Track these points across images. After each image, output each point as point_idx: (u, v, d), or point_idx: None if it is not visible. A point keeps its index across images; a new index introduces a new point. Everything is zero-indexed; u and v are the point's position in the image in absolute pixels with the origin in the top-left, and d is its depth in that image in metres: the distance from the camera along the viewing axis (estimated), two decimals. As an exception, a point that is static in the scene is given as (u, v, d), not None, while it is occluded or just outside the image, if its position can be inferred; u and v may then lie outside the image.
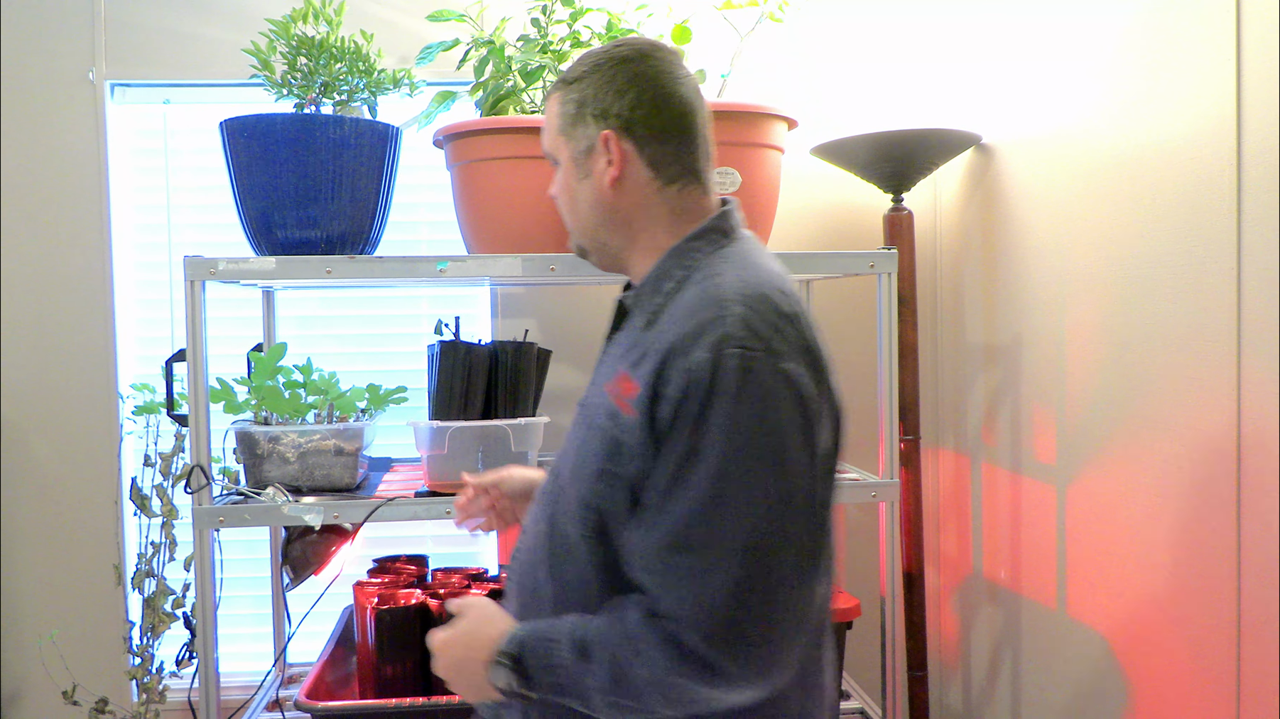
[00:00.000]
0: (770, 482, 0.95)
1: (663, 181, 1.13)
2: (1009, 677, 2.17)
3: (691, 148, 1.14)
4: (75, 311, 2.31)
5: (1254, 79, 1.41)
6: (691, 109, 1.14)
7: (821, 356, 1.04)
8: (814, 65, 2.42)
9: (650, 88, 1.12)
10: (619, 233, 1.16)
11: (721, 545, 0.94)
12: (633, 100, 1.11)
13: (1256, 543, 1.43)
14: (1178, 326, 1.58)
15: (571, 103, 1.14)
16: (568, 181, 1.17)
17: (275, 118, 1.84)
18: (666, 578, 0.96)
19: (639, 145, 1.12)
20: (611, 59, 1.13)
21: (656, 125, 1.12)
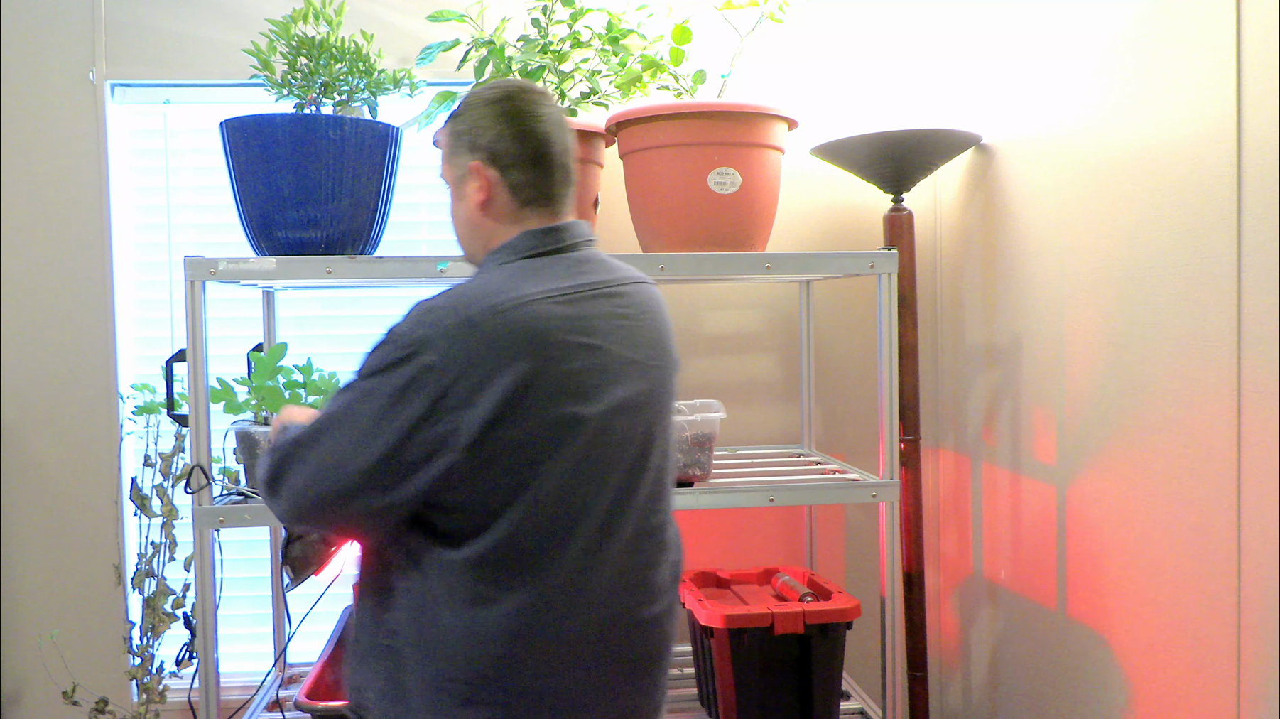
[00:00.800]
0: (351, 406, 1.21)
1: (519, 203, 1.32)
2: (1009, 677, 2.17)
3: (548, 176, 1.33)
4: (75, 311, 2.31)
5: (1254, 79, 1.41)
6: (548, 141, 1.32)
7: (491, 370, 1.18)
8: (814, 65, 2.42)
9: (512, 124, 1.31)
10: (481, 248, 1.35)
11: (315, 426, 1.24)
12: (496, 135, 1.31)
13: (1256, 543, 1.43)
14: (1178, 327, 1.58)
15: (452, 135, 1.36)
16: (451, 204, 1.38)
17: (275, 118, 1.84)
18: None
19: (502, 173, 1.31)
20: (484, 99, 1.34)
21: (517, 156, 1.31)
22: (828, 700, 1.93)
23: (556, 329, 1.21)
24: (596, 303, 1.27)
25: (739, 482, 1.98)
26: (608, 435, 1.24)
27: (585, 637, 1.23)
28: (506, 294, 1.21)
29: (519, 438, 1.18)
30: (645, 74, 2.03)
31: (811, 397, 2.41)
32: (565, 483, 1.21)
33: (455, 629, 1.20)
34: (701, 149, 1.90)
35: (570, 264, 1.30)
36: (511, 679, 1.21)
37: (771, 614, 1.90)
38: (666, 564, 1.34)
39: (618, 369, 1.26)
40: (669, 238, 1.95)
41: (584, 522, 1.22)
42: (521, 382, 1.18)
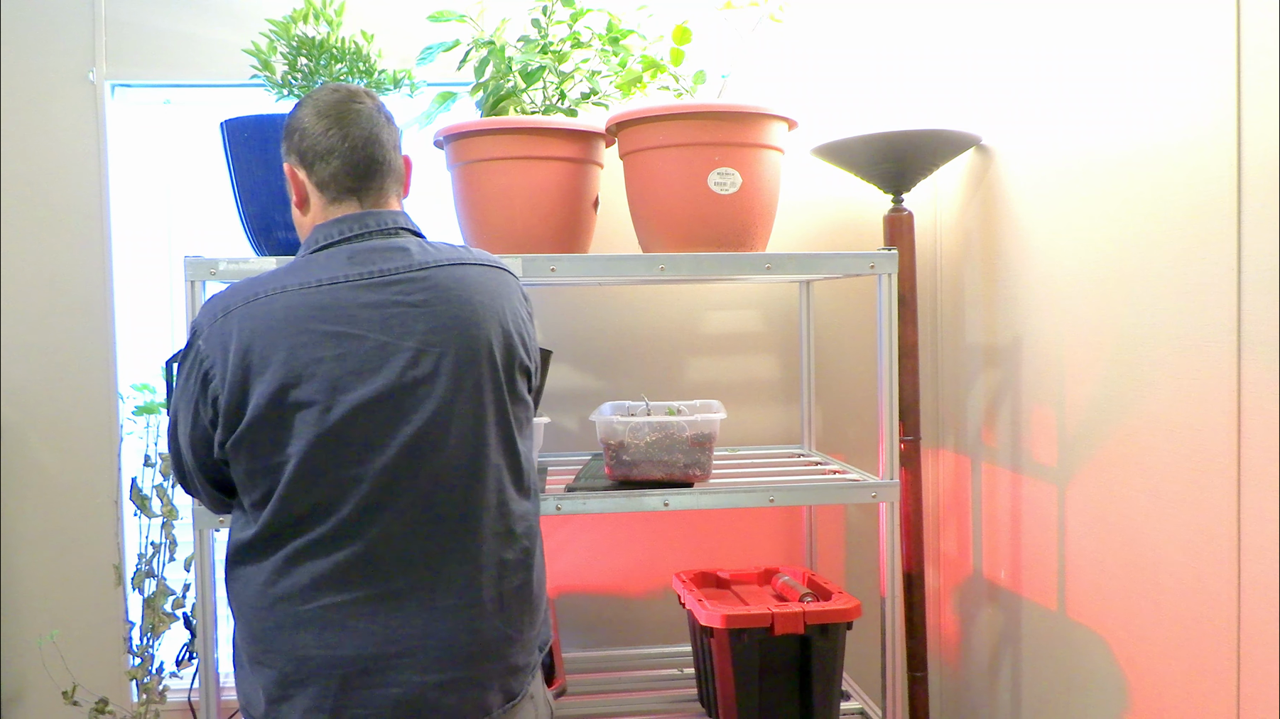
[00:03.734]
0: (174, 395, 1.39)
1: (328, 200, 1.40)
2: (1009, 677, 2.17)
3: (349, 169, 1.39)
4: (75, 312, 2.31)
5: (1254, 79, 1.41)
6: (342, 136, 1.38)
7: (242, 363, 1.29)
8: (814, 65, 2.42)
9: (315, 122, 1.39)
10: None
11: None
12: (298, 136, 1.40)
13: (1256, 543, 1.43)
14: (1178, 326, 1.58)
15: (281, 143, 1.45)
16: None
17: (275, 118, 1.84)
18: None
19: (309, 171, 1.40)
20: (298, 104, 1.43)
21: (320, 153, 1.39)
22: (828, 700, 1.93)
23: (304, 318, 1.29)
24: (359, 292, 1.31)
25: (739, 482, 1.98)
26: (361, 420, 1.28)
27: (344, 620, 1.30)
28: (269, 285, 1.32)
29: (265, 422, 1.28)
30: (645, 74, 2.03)
31: (811, 397, 2.41)
32: (312, 468, 1.27)
33: (246, 599, 1.33)
34: (701, 149, 1.90)
35: (350, 255, 1.35)
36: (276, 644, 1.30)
37: (771, 614, 1.90)
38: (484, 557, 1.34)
39: (372, 357, 1.29)
40: (669, 238, 1.95)
41: (339, 507, 1.28)
42: (263, 368, 1.27)
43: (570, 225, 1.98)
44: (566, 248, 1.99)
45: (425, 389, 1.30)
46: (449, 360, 1.32)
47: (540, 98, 2.05)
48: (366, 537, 1.28)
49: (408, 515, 1.29)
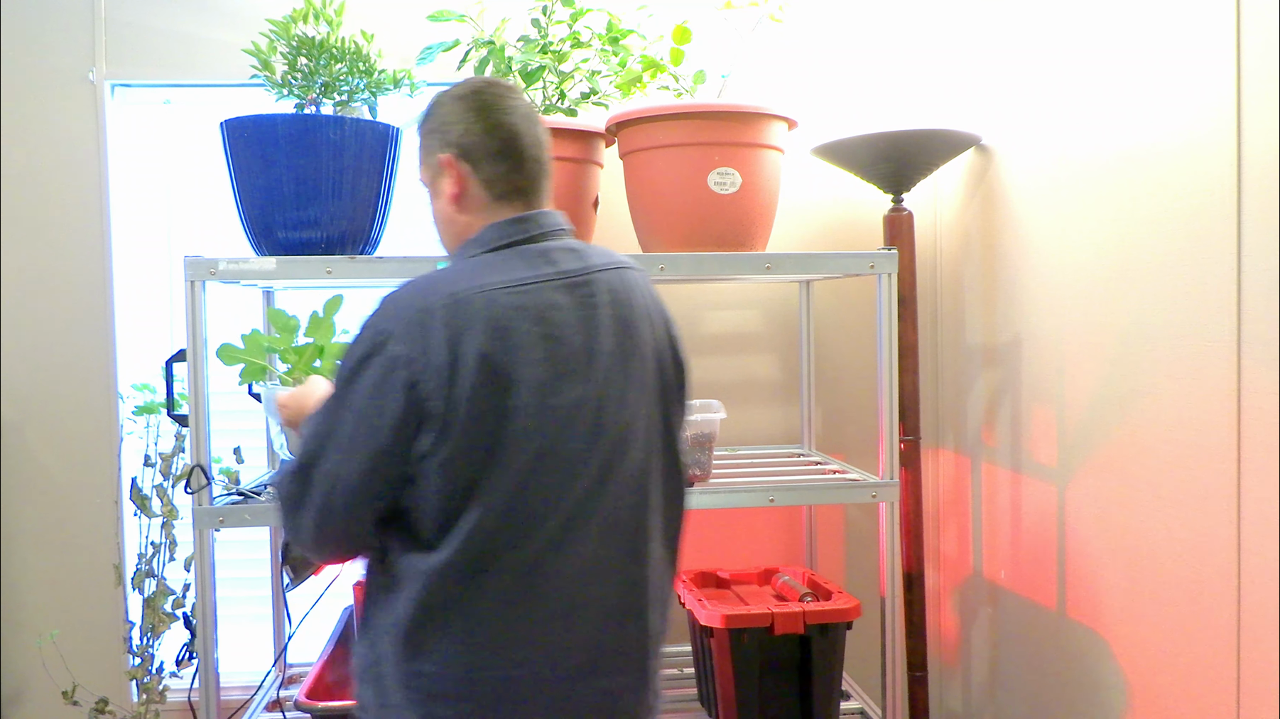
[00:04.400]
0: (336, 413, 1.22)
1: (492, 197, 1.32)
2: (1009, 677, 2.17)
3: (519, 168, 1.32)
4: (75, 311, 2.31)
5: (1254, 79, 1.41)
6: (517, 134, 1.32)
7: (439, 364, 1.18)
8: (814, 65, 2.42)
9: (481, 118, 1.31)
10: (457, 242, 1.35)
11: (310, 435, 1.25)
12: (464, 129, 1.31)
13: (1256, 543, 1.43)
14: (1178, 326, 1.58)
15: (423, 134, 1.36)
16: (430, 203, 1.38)
17: (275, 118, 1.84)
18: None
19: (474, 167, 1.31)
20: (451, 96, 1.34)
21: (487, 150, 1.31)
22: (828, 700, 1.93)
23: (514, 318, 1.21)
24: (558, 294, 1.25)
25: (739, 482, 1.98)
26: (569, 426, 1.22)
27: (548, 633, 1.24)
28: (465, 283, 1.22)
29: (477, 430, 1.18)
30: (645, 74, 2.03)
31: (811, 397, 2.41)
32: (522, 479, 1.20)
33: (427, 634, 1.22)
34: (701, 149, 1.90)
35: (534, 255, 1.29)
36: (477, 673, 1.22)
37: (771, 614, 1.90)
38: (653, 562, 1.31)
39: (578, 361, 1.24)
40: (669, 238, 1.95)
41: (546, 520, 1.22)
42: (481, 370, 1.17)
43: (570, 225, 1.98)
44: (566, 248, 1.98)
45: (617, 393, 1.27)
46: (633, 363, 1.29)
47: (540, 98, 2.05)
48: (570, 543, 1.23)
49: (602, 520, 1.26)
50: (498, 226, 1.31)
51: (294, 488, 1.24)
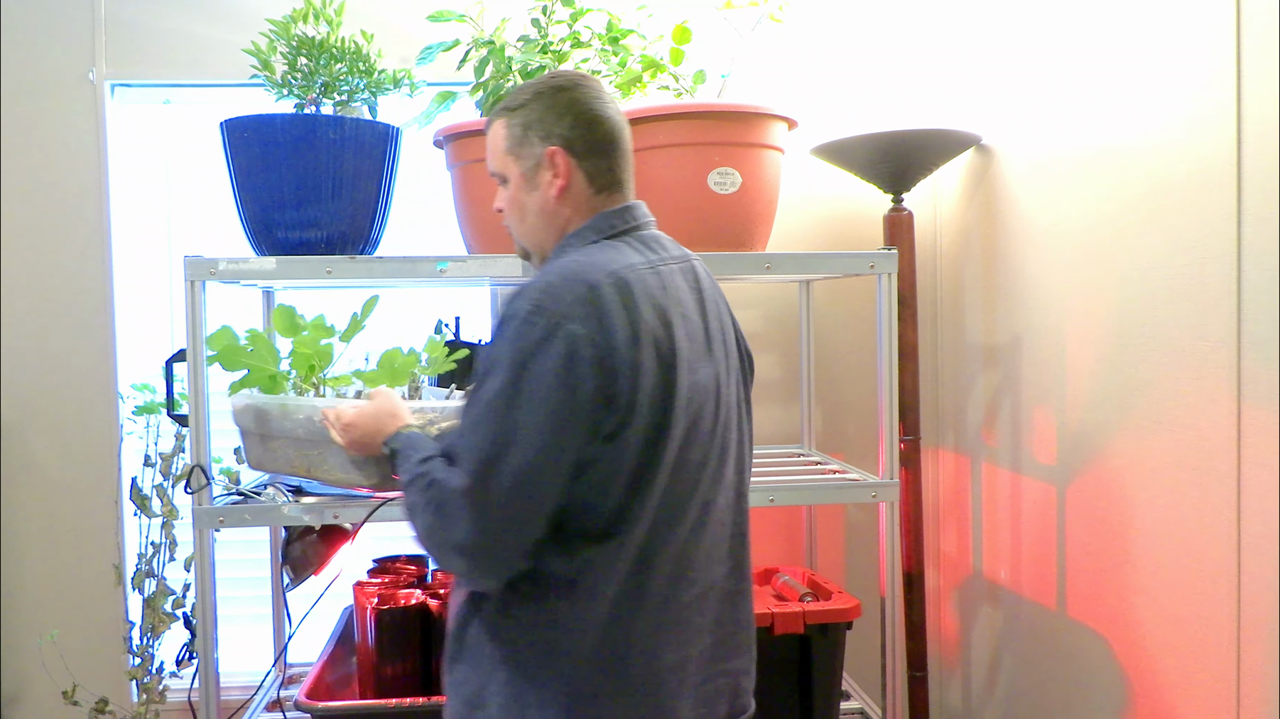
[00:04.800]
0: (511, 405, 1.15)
1: (594, 190, 1.32)
2: (1009, 677, 2.17)
3: (619, 161, 1.34)
4: (75, 311, 2.31)
5: (1254, 79, 1.41)
6: (617, 128, 1.34)
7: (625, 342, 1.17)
8: (814, 65, 2.42)
9: (584, 111, 1.31)
10: (557, 235, 1.33)
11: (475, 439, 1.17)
12: (570, 122, 1.31)
13: (1256, 543, 1.43)
14: (1178, 327, 1.58)
15: (517, 126, 1.32)
16: (516, 195, 1.34)
17: (275, 118, 1.84)
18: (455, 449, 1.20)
19: (578, 160, 1.31)
20: (550, 88, 1.33)
21: (590, 143, 1.31)
22: (828, 700, 1.93)
23: (661, 297, 1.23)
24: (676, 277, 1.29)
25: (739, 482, 1.97)
26: (704, 407, 1.24)
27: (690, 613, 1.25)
28: (614, 264, 1.22)
29: (651, 408, 1.18)
30: (645, 74, 2.03)
31: (811, 397, 2.41)
32: (676, 460, 1.21)
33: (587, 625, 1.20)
34: (701, 149, 1.90)
35: (645, 242, 1.31)
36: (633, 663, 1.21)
37: (771, 614, 1.90)
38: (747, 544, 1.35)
39: (703, 341, 1.27)
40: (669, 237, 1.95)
41: (690, 501, 1.23)
42: (652, 346, 1.18)
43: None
44: (566, 248, 1.99)
45: (724, 374, 1.31)
46: (726, 346, 1.34)
47: (540, 98, 2.05)
48: (703, 524, 1.26)
49: (720, 501, 1.29)
50: (607, 215, 1.32)
51: (459, 502, 1.14)
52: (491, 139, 1.35)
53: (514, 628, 1.21)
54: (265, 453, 1.60)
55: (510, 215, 1.36)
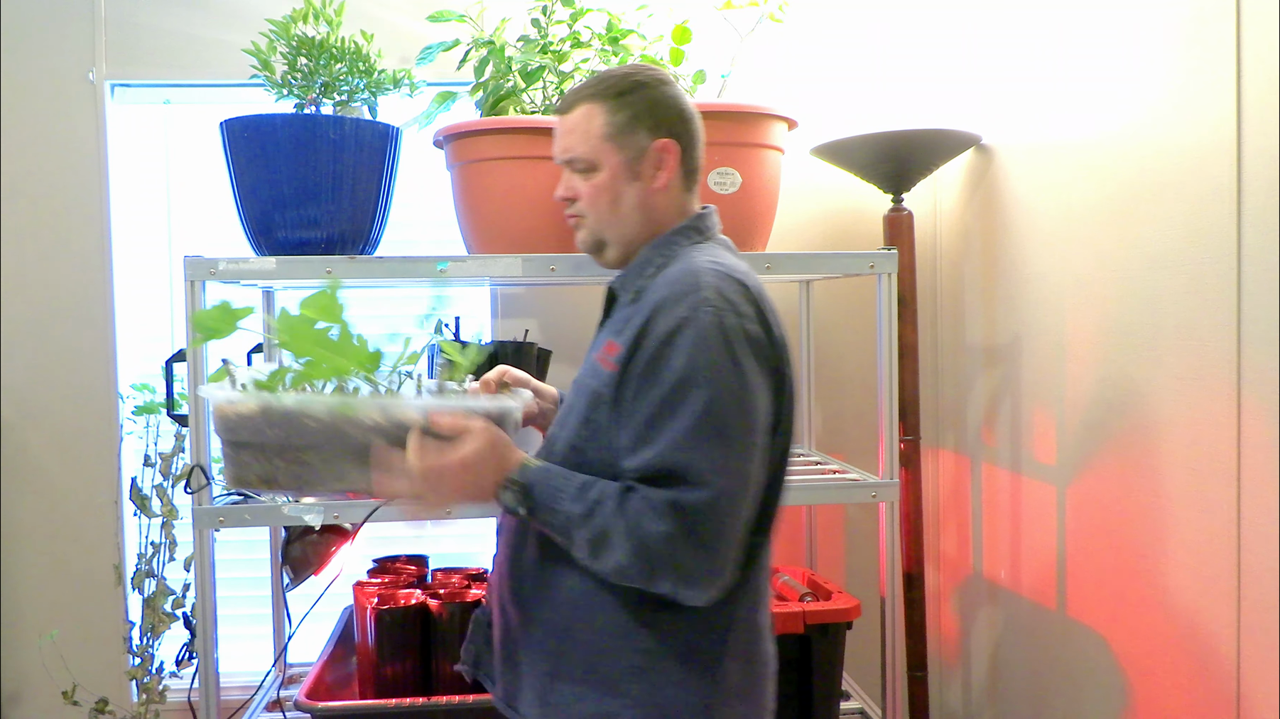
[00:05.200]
0: (734, 415, 1.14)
1: (684, 189, 1.33)
2: (1009, 677, 2.17)
3: (700, 158, 1.35)
4: (75, 311, 2.31)
5: (1254, 79, 1.41)
6: (700, 125, 1.34)
7: (781, 340, 1.22)
8: (814, 65, 2.42)
9: (687, 109, 1.32)
10: (649, 229, 1.31)
11: (701, 445, 1.12)
12: (677, 118, 1.30)
13: (1256, 543, 1.43)
14: (1178, 326, 1.58)
15: (623, 114, 1.29)
16: (611, 184, 1.29)
17: (275, 118, 1.84)
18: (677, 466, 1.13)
19: (682, 156, 1.31)
20: (654, 79, 1.31)
21: (690, 138, 1.32)
22: (828, 700, 1.93)
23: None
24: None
25: (739, 482, 1.97)
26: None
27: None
28: (743, 266, 1.26)
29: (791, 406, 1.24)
30: (645, 74, 2.03)
31: (811, 397, 2.41)
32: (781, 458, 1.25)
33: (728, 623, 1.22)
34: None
35: (730, 246, 1.35)
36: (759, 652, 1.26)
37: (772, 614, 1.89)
38: None
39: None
40: (669, 238, 1.95)
41: (781, 498, 1.27)
42: (786, 347, 1.24)
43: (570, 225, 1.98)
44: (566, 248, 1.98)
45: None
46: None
47: (540, 97, 2.05)
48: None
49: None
50: (702, 217, 1.33)
51: (708, 517, 1.11)
52: (582, 123, 1.30)
53: (649, 635, 1.18)
54: (266, 466, 1.26)
55: (596, 204, 1.30)
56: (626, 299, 1.29)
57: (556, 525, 1.17)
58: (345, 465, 1.23)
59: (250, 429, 1.21)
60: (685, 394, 1.12)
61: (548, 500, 1.17)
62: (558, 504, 1.16)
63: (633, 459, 1.15)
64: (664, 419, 1.13)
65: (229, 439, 1.24)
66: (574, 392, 1.30)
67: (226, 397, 1.22)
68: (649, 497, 1.12)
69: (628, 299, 1.29)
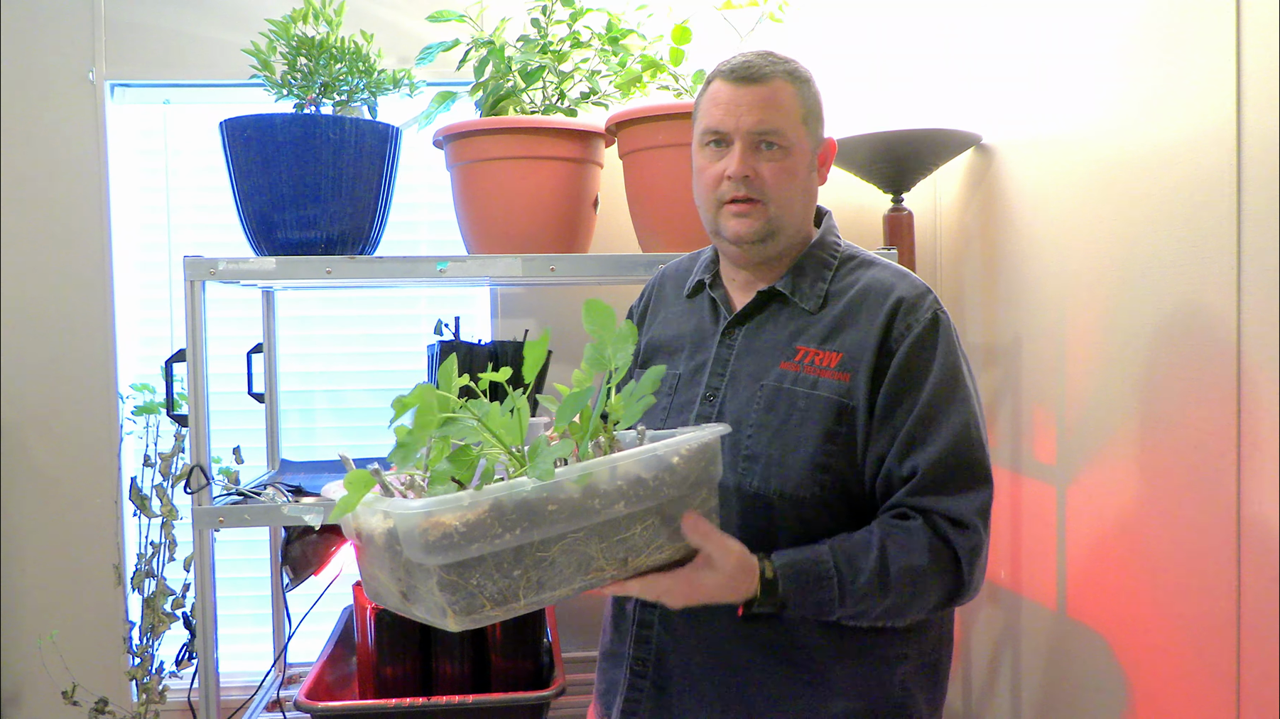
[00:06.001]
0: (979, 410, 1.23)
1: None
2: (1009, 677, 2.17)
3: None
4: (75, 311, 2.31)
5: (1254, 78, 1.41)
6: None
7: None
8: (814, 65, 2.41)
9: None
10: (807, 227, 1.32)
11: (976, 459, 1.21)
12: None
13: (1256, 543, 1.43)
14: (1178, 326, 1.58)
15: (813, 101, 1.30)
16: (795, 168, 1.26)
17: (275, 118, 1.84)
18: (946, 488, 1.18)
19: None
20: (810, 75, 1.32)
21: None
22: (828, 700, 1.93)
23: None
24: None
25: (739, 482, 1.97)
26: None
27: None
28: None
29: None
30: (645, 74, 2.03)
31: (811, 397, 2.41)
32: None
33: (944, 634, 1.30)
34: (701, 149, 1.90)
35: None
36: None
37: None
38: None
39: None
40: (669, 238, 1.95)
41: None
42: None
43: (570, 225, 1.98)
44: (566, 247, 1.99)
45: None
46: None
47: (540, 97, 2.05)
48: None
49: None
50: (831, 217, 1.38)
51: (984, 529, 1.21)
52: (781, 99, 1.25)
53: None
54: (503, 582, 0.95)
55: (784, 189, 1.24)
56: (810, 305, 1.28)
57: (832, 613, 1.16)
58: (590, 549, 1.01)
59: (482, 539, 0.92)
60: (954, 392, 1.20)
61: (839, 587, 1.14)
62: (850, 587, 1.14)
63: (906, 463, 1.19)
64: (938, 419, 1.18)
65: (453, 562, 0.91)
66: (774, 413, 1.22)
67: (442, 506, 0.90)
68: (954, 513, 1.17)
69: (812, 305, 1.27)
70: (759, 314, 1.31)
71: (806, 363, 1.22)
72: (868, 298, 1.24)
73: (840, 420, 1.19)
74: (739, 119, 1.22)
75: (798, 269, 1.29)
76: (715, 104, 1.25)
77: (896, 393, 1.19)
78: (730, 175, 1.23)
